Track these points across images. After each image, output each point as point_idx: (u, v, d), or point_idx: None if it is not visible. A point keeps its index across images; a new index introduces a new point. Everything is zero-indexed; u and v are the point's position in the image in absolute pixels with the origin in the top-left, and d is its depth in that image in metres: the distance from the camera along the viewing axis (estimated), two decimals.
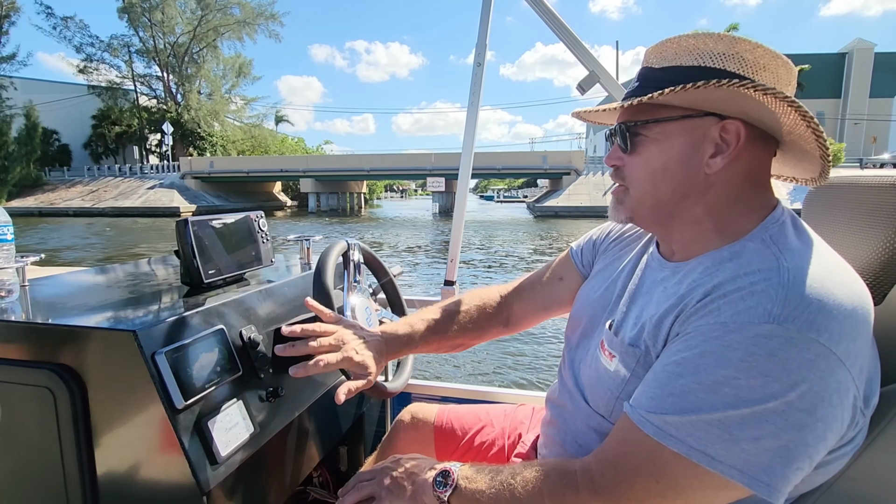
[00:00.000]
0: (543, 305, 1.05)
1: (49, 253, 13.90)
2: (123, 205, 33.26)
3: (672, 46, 0.70)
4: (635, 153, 0.72)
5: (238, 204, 37.63)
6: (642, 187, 0.72)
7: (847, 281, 0.60)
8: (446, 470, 0.74)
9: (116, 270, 1.34)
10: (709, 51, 0.66)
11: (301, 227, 22.06)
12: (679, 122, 0.68)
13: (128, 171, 38.87)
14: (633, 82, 0.74)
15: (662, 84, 0.66)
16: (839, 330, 0.55)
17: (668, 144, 0.69)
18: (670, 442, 0.57)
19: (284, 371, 1.03)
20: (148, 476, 0.83)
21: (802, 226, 0.68)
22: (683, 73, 0.67)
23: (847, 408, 0.56)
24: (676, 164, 0.69)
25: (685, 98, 0.65)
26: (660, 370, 0.63)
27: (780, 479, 0.54)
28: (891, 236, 0.70)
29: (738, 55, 0.65)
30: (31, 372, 0.82)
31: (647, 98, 0.66)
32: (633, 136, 0.72)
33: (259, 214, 1.27)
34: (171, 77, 44.82)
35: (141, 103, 45.47)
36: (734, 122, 0.66)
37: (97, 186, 36.81)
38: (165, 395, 0.79)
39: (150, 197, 34.29)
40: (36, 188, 36.87)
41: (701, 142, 0.67)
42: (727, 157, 0.67)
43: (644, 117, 0.70)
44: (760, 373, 0.54)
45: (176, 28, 43.53)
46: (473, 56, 1.53)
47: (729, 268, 0.63)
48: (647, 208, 0.73)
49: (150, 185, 36.19)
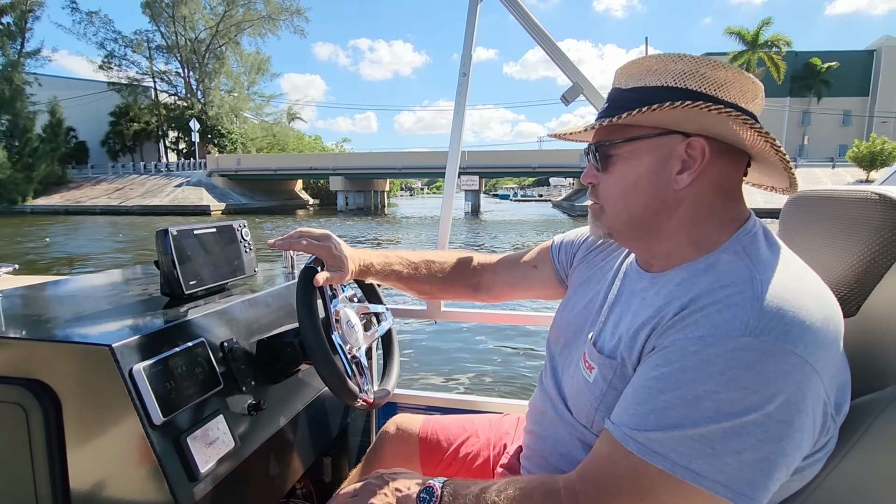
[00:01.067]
0: (513, 284, 1.11)
1: None
2: (151, 203, 32.97)
3: (638, 67, 0.72)
4: (608, 171, 0.75)
5: (264, 202, 37.26)
6: (616, 204, 0.75)
7: (817, 292, 0.62)
8: (430, 486, 0.73)
9: (94, 280, 1.31)
10: (671, 70, 0.69)
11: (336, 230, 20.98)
12: (646, 141, 0.71)
13: (153, 169, 38.55)
14: (604, 103, 0.77)
15: (630, 104, 0.68)
16: (813, 340, 0.57)
17: (636, 162, 0.72)
18: (654, 459, 0.58)
19: (267, 383, 1.05)
20: (125, 495, 0.81)
21: (773, 237, 0.70)
22: (648, 93, 0.69)
23: (819, 415, 0.58)
24: (645, 181, 0.71)
25: (649, 118, 0.68)
26: (640, 385, 0.63)
27: (762, 490, 0.56)
28: (865, 249, 0.72)
29: (700, 73, 0.67)
30: (2, 388, 0.79)
31: (608, 121, 0.69)
32: (604, 155, 0.74)
33: (242, 223, 1.24)
34: (192, 73, 44.21)
35: (160, 100, 44.89)
36: (698, 140, 0.68)
37: (122, 184, 36.48)
38: (144, 410, 0.77)
39: (179, 195, 33.95)
40: (60, 186, 36.52)
41: (668, 159, 0.70)
42: (693, 172, 0.69)
43: (614, 137, 0.73)
44: (740, 386, 0.55)
45: (198, 23, 42.90)
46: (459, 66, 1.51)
47: (704, 281, 0.65)
48: (623, 224, 0.75)
49: (176, 182, 35.99)
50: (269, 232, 20.34)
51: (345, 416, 1.41)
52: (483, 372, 4.81)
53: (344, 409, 1.39)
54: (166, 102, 45.67)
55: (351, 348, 0.99)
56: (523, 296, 1.13)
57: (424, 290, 1.16)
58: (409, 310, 1.59)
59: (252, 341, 1.06)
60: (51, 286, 1.24)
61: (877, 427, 0.63)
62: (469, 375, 4.72)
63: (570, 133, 0.82)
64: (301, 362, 1.08)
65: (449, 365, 4.93)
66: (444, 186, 1.59)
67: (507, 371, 4.87)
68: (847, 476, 0.64)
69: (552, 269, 1.04)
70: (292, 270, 1.41)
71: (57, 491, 0.81)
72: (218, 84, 44.45)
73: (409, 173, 37.39)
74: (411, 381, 4.46)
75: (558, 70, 1.44)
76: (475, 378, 4.67)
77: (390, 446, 1.14)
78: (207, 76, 44.07)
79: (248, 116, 47.44)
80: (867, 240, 0.72)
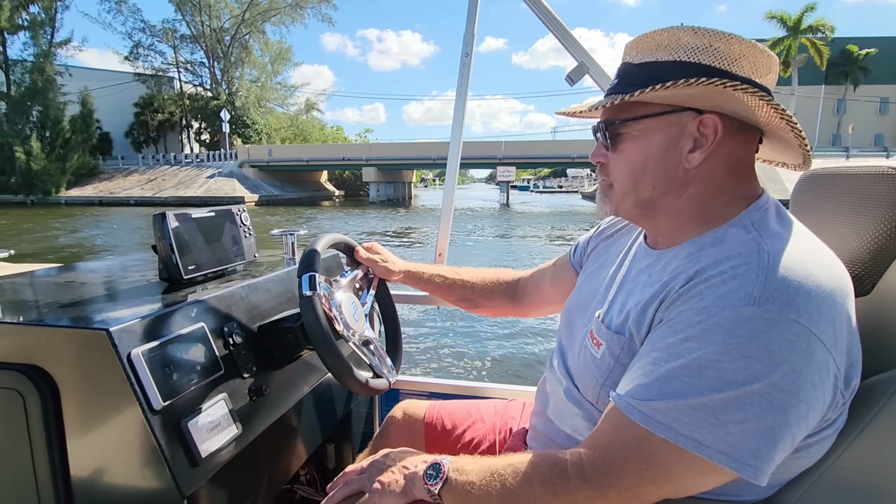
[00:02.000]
0: (552, 282, 1.13)
1: None
2: (185, 194, 32.67)
3: (648, 41, 0.70)
4: (617, 150, 0.73)
5: (293, 194, 37.05)
6: (625, 183, 0.74)
7: (826, 263, 0.61)
8: (437, 462, 0.73)
9: (91, 267, 1.31)
10: (683, 45, 0.67)
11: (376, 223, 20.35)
12: (657, 119, 0.69)
13: (183, 160, 38.15)
14: (613, 79, 0.74)
15: (640, 81, 0.67)
16: (818, 311, 0.56)
17: (646, 141, 0.70)
18: (658, 428, 0.58)
19: (269, 369, 1.04)
20: (125, 481, 0.80)
21: (785, 213, 0.69)
22: (660, 68, 0.67)
23: (828, 388, 0.57)
24: (656, 160, 0.70)
25: (662, 95, 0.65)
26: (645, 356, 0.64)
27: (766, 461, 0.55)
28: (879, 227, 0.70)
29: (713, 48, 0.65)
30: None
31: (620, 99, 0.67)
32: (613, 133, 0.73)
33: (241, 208, 1.23)
34: (216, 63, 43.71)
35: (185, 91, 44.50)
36: (711, 117, 0.67)
37: (154, 175, 36.24)
38: (143, 395, 0.76)
39: (212, 186, 33.72)
40: (92, 177, 36.45)
41: (679, 137, 0.68)
42: (706, 151, 0.68)
43: (624, 115, 0.71)
44: (743, 354, 0.55)
45: (223, 12, 42.36)
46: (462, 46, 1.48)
47: (711, 253, 0.65)
48: (631, 203, 0.74)
49: (208, 173, 35.74)
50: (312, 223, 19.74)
51: (348, 403, 1.40)
52: (488, 358, 4.76)
53: (347, 395, 1.38)
54: (191, 93, 45.31)
55: (354, 332, 0.98)
56: (554, 299, 1.12)
57: (467, 298, 1.21)
58: (413, 296, 1.54)
59: (253, 327, 1.04)
60: (48, 272, 1.23)
61: (891, 406, 0.62)
62: (474, 362, 4.68)
63: (580, 111, 0.79)
64: (303, 348, 1.07)
65: (454, 351, 4.90)
66: (446, 176, 1.55)
67: (512, 357, 4.81)
68: (860, 455, 0.63)
69: (571, 270, 1.06)
70: (293, 256, 1.39)
71: (57, 477, 0.80)
72: (243, 73, 43.99)
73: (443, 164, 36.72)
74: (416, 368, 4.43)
75: (568, 59, 1.40)
76: (480, 364, 4.62)
77: (396, 431, 1.15)
78: (232, 66, 43.57)
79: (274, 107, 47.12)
80: (881, 217, 0.70)
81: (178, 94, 44.72)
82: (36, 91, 34.38)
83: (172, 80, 45.33)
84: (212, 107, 41.88)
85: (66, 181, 34.20)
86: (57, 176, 33.50)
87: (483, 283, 1.21)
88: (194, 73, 45.54)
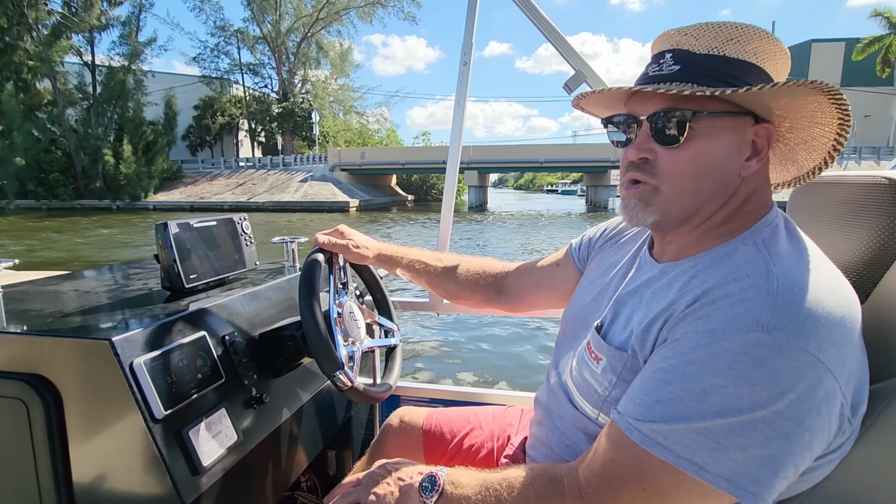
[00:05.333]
0: (536, 283, 1.08)
1: None
2: (282, 198, 30.97)
3: (718, 32, 0.65)
4: (679, 147, 0.65)
5: (379, 198, 35.72)
6: (683, 186, 0.67)
7: (837, 289, 0.59)
8: (433, 475, 0.72)
9: (94, 276, 1.30)
10: (752, 49, 0.64)
11: (508, 234, 18.76)
12: (728, 119, 0.65)
13: (269, 164, 36.61)
14: (658, 64, 0.68)
15: (709, 71, 0.63)
16: (827, 338, 0.55)
17: (717, 141, 0.65)
18: (658, 450, 0.57)
19: (270, 376, 1.05)
20: (127, 489, 0.81)
21: (795, 230, 0.67)
22: (732, 64, 0.64)
23: (834, 417, 0.56)
24: (722, 163, 0.65)
25: (744, 96, 0.62)
26: (648, 376, 0.62)
27: (767, 488, 0.54)
28: (874, 235, 0.71)
29: (775, 56, 0.65)
30: (2, 383, 0.80)
31: (710, 91, 0.61)
32: (679, 126, 0.64)
33: (242, 217, 1.23)
34: (285, 64, 42.26)
35: (249, 92, 43.19)
36: (767, 126, 0.65)
37: (242, 179, 34.53)
38: (145, 404, 0.77)
39: (308, 190, 32.00)
40: (174, 181, 34.65)
41: (740, 143, 0.65)
42: (762, 160, 0.66)
43: (693, 107, 0.64)
44: (748, 381, 0.54)
45: (297, 10, 40.73)
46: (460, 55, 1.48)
47: (718, 272, 0.62)
48: (681, 210, 0.68)
49: (300, 178, 33.84)
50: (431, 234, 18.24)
51: (348, 410, 1.40)
52: (486, 364, 4.74)
53: (347, 402, 1.38)
54: (254, 95, 43.93)
55: (354, 342, 0.98)
56: (547, 299, 1.08)
57: (449, 291, 1.15)
58: (412, 302, 1.57)
59: (254, 335, 1.05)
60: (51, 281, 1.22)
61: (886, 416, 0.62)
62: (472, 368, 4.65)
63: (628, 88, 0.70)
64: (303, 356, 1.06)
65: (452, 358, 4.89)
66: (446, 178, 1.55)
67: (510, 363, 4.79)
68: (857, 464, 0.63)
69: (573, 266, 1.02)
70: (294, 264, 1.40)
71: (60, 485, 0.81)
72: (321, 74, 41.94)
73: (549, 167, 35.57)
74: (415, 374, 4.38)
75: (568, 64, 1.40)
76: (478, 370, 4.59)
77: (394, 438, 1.13)
78: (304, 65, 41.15)
79: (353, 107, 44.25)
80: (877, 225, 0.71)
81: (236, 96, 42.41)
82: (121, 92, 33.02)
83: (235, 82, 43.80)
84: (283, 108, 40.33)
85: (153, 185, 32.74)
86: (145, 180, 31.89)
87: (467, 273, 1.14)
88: (258, 75, 44.08)
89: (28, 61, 30.63)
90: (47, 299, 1.05)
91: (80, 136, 32.04)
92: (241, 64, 42.24)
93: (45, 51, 29.75)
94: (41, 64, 30.08)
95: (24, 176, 29.19)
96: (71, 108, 32.82)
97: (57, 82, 31.30)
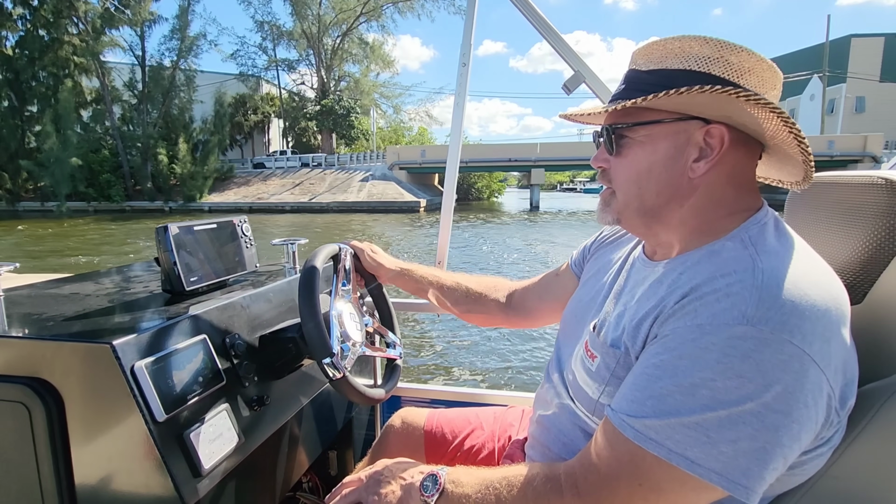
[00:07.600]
0: (539, 295, 1.13)
1: None
2: (347, 199, 29.91)
3: (658, 49, 0.69)
4: (621, 156, 0.72)
5: (431, 197, 34.59)
6: (628, 190, 0.73)
7: (822, 282, 0.60)
8: (434, 474, 0.74)
9: (95, 279, 1.31)
10: (694, 54, 0.66)
11: None
12: (664, 126, 0.69)
13: (323, 162, 35.45)
14: (619, 85, 0.74)
15: (648, 87, 0.67)
16: (812, 331, 0.56)
17: (652, 147, 0.70)
18: (650, 446, 0.58)
19: (270, 378, 1.05)
20: (129, 492, 0.81)
21: (784, 227, 0.68)
22: (669, 76, 0.67)
23: (822, 408, 0.57)
24: (661, 167, 0.69)
25: (671, 102, 0.65)
26: (639, 373, 0.64)
27: (757, 480, 0.56)
28: (871, 235, 0.70)
29: (723, 59, 0.66)
30: (4, 387, 0.80)
31: (631, 103, 0.66)
32: (618, 138, 0.72)
33: (242, 219, 1.23)
34: (323, 61, 40.93)
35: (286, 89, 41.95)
36: (718, 127, 0.67)
37: (298, 179, 33.23)
38: (146, 407, 0.77)
39: (371, 190, 30.84)
40: (226, 181, 33.38)
41: (685, 146, 0.68)
42: (710, 161, 0.67)
43: (630, 120, 0.71)
44: (736, 374, 0.55)
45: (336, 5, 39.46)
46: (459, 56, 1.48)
47: (706, 269, 0.64)
48: (633, 211, 0.74)
49: (360, 177, 32.71)
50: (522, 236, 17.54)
51: (349, 411, 1.41)
52: (487, 365, 4.73)
53: (348, 403, 1.39)
54: (292, 91, 42.57)
55: (349, 341, 0.98)
56: (553, 310, 1.09)
57: (460, 303, 1.19)
58: (413, 303, 1.56)
59: (254, 337, 1.05)
60: (52, 284, 1.23)
61: (882, 415, 0.62)
62: (474, 368, 4.64)
63: (583, 115, 0.79)
64: (304, 357, 1.07)
65: (453, 359, 4.90)
66: (446, 180, 1.54)
67: (511, 364, 4.76)
68: (852, 464, 0.63)
69: (572, 274, 1.05)
70: (294, 266, 1.40)
71: (62, 489, 0.82)
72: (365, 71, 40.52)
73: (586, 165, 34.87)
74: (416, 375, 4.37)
75: (565, 63, 1.40)
76: (479, 371, 4.58)
77: (396, 439, 1.15)
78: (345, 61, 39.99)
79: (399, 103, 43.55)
80: (873, 225, 0.70)
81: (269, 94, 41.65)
82: (170, 88, 31.64)
83: (268, 81, 42.49)
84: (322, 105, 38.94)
85: (208, 186, 31.34)
86: (199, 180, 30.65)
87: (478, 290, 1.19)
88: (295, 71, 42.73)
89: (74, 57, 29.13)
90: (49, 303, 1.05)
91: (128, 135, 30.58)
92: (278, 60, 40.90)
93: (94, 45, 28.32)
94: (90, 59, 28.64)
95: (78, 177, 27.72)
96: (116, 106, 31.34)
97: (105, 78, 29.81)
